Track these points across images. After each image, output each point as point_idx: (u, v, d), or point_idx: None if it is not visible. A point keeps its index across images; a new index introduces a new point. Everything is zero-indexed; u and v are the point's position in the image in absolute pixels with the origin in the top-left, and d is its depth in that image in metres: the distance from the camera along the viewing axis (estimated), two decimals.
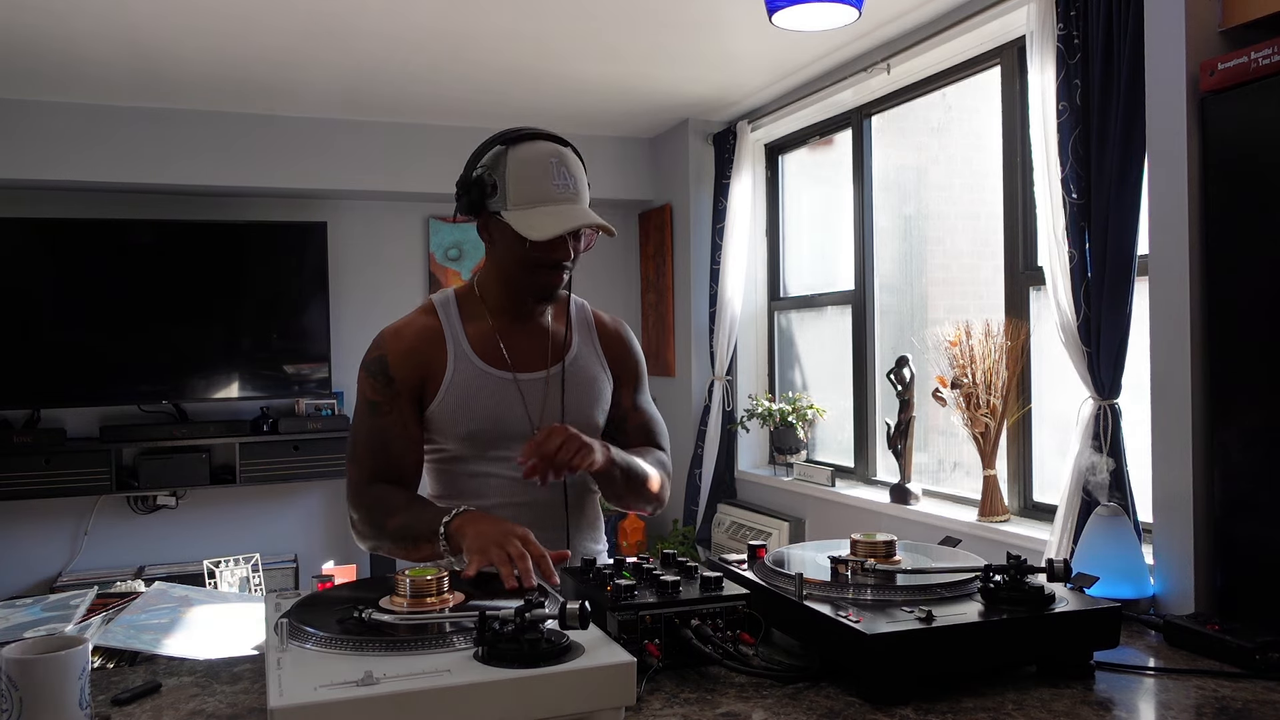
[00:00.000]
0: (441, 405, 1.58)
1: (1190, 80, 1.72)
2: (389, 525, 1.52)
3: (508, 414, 1.59)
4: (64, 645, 1.04)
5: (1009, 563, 1.33)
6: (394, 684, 0.99)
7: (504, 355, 1.61)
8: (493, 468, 1.60)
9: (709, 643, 1.24)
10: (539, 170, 1.50)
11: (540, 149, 1.53)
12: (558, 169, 1.51)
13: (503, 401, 1.59)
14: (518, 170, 1.51)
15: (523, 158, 1.51)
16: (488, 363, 1.60)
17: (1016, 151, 2.96)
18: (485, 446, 1.59)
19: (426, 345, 1.59)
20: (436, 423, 1.59)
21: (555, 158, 1.52)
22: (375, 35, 3.27)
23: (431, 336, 1.60)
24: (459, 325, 1.62)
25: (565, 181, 1.51)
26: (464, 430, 1.58)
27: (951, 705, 1.17)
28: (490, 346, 1.61)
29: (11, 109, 3.91)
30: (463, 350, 1.60)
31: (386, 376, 1.57)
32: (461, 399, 1.57)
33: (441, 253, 4.82)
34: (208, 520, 4.48)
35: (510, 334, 1.63)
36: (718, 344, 4.30)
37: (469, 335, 1.62)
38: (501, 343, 1.62)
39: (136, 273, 4.20)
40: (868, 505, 3.42)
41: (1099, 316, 2.39)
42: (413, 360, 1.58)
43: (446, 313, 1.63)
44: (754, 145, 4.27)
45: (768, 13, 2.27)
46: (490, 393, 1.59)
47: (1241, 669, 1.34)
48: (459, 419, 1.57)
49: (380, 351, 1.59)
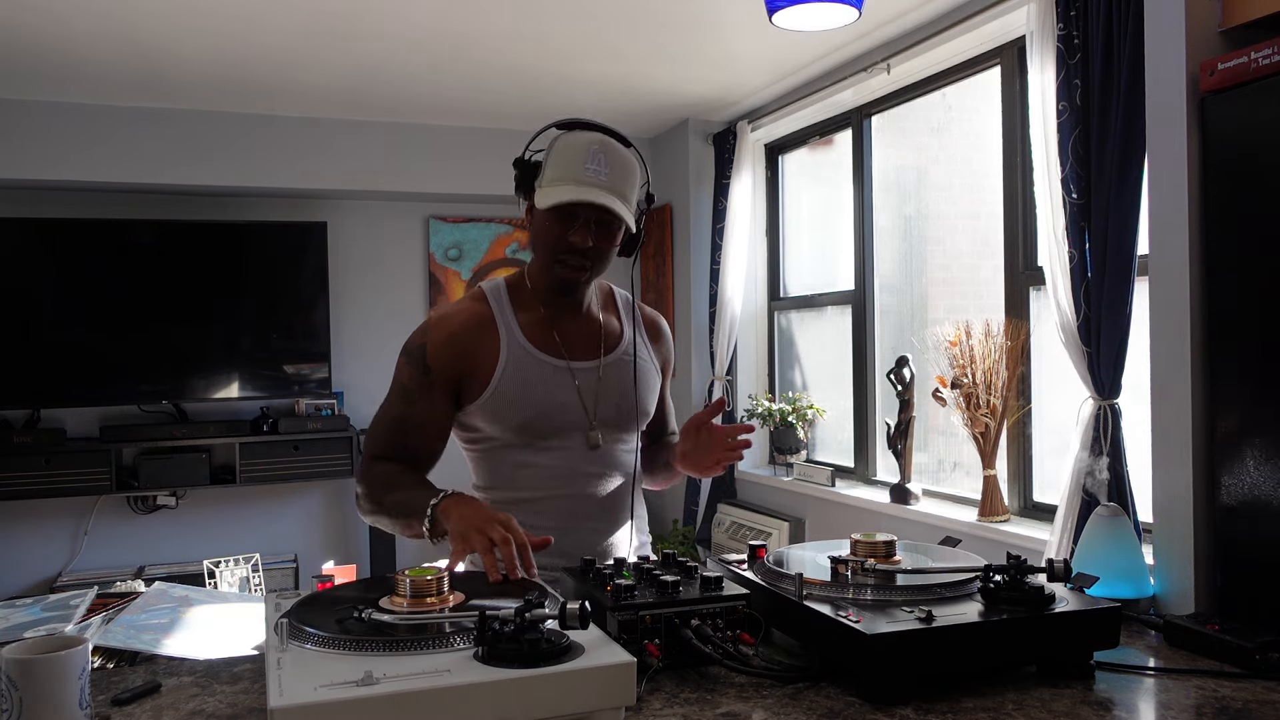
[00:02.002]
0: (495, 393, 1.56)
1: (1190, 80, 1.72)
2: (387, 500, 1.53)
3: (564, 402, 1.59)
4: (64, 645, 1.04)
5: (1009, 563, 1.33)
6: (394, 684, 0.99)
7: (558, 343, 1.61)
8: (540, 458, 1.59)
9: (709, 643, 1.24)
10: (577, 153, 1.51)
11: (588, 135, 1.54)
12: (594, 155, 1.51)
13: (557, 389, 1.58)
14: (559, 152, 1.53)
15: (567, 142, 1.53)
16: (541, 350, 1.59)
17: (1016, 151, 2.96)
18: (536, 436, 1.58)
19: (474, 333, 1.58)
20: (489, 411, 1.57)
21: (598, 145, 1.52)
22: (375, 35, 3.27)
23: (481, 323, 1.59)
24: (511, 312, 1.61)
25: (599, 168, 1.50)
26: (520, 419, 1.56)
27: (951, 705, 1.17)
28: (544, 334, 1.61)
29: (11, 109, 3.91)
30: (515, 338, 1.59)
31: (424, 365, 1.56)
32: (515, 387, 1.56)
33: (441, 253, 4.82)
34: (208, 520, 4.48)
35: (562, 322, 1.63)
36: (718, 344, 4.30)
37: (521, 323, 1.61)
38: (555, 332, 1.61)
39: (136, 273, 4.20)
40: (868, 505, 3.42)
41: (1099, 316, 2.39)
42: (454, 350, 1.57)
43: (498, 299, 1.62)
44: (754, 145, 4.27)
45: (768, 13, 2.27)
46: (546, 380, 1.58)
47: (1241, 669, 1.34)
48: (514, 407, 1.56)
49: (422, 339, 1.58)
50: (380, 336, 4.62)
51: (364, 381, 4.60)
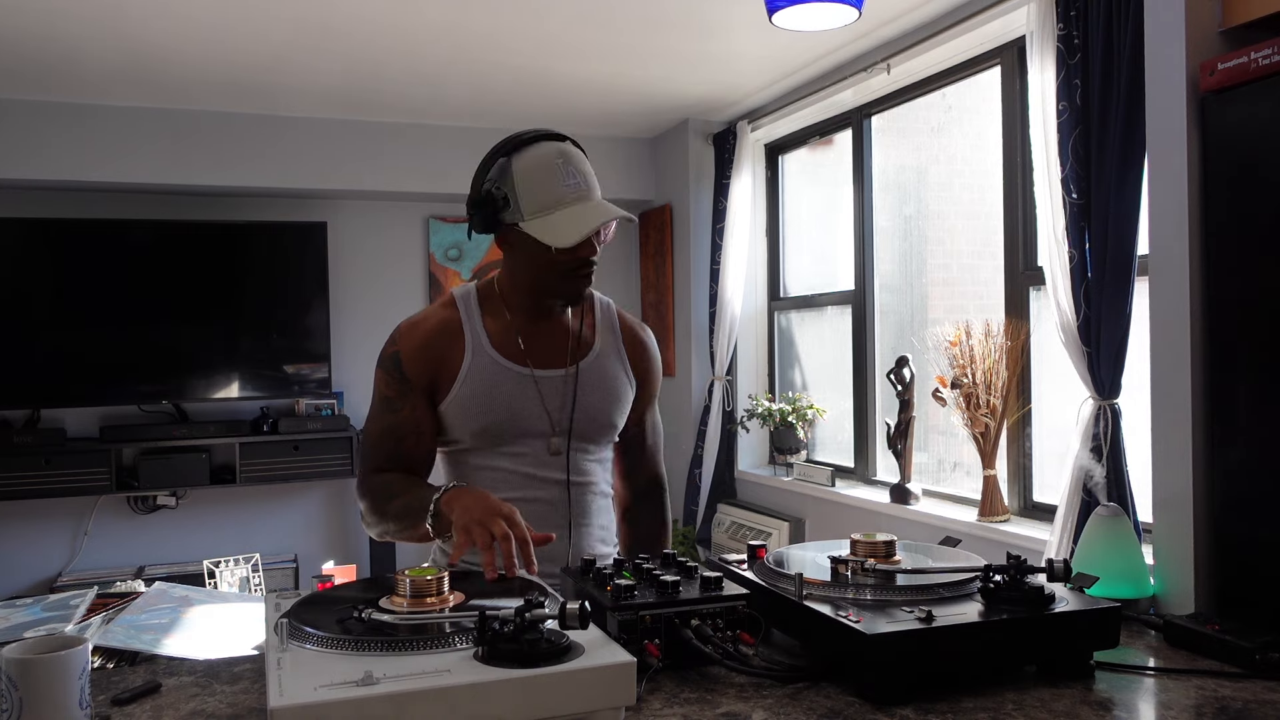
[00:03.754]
0: (456, 398, 1.57)
1: (1190, 80, 1.72)
2: (390, 508, 1.53)
3: (524, 410, 1.59)
4: (64, 645, 1.04)
5: (1009, 563, 1.33)
6: (394, 684, 0.99)
7: (523, 351, 1.61)
8: (503, 462, 1.60)
9: (709, 643, 1.24)
10: (547, 174, 1.49)
11: (543, 151, 1.51)
12: (564, 169, 1.49)
13: (519, 397, 1.59)
14: (526, 179, 1.49)
15: (527, 165, 1.50)
16: (506, 358, 1.60)
17: (1016, 151, 2.96)
18: (498, 441, 1.59)
19: (443, 338, 1.59)
20: (450, 416, 1.59)
21: (560, 158, 1.50)
22: (375, 35, 3.27)
23: (449, 329, 1.60)
24: (479, 319, 1.62)
25: (575, 180, 1.50)
26: (478, 425, 1.58)
27: (951, 705, 1.17)
28: (509, 342, 1.61)
29: (11, 109, 3.91)
30: (481, 344, 1.59)
31: (400, 372, 1.58)
32: (477, 393, 1.57)
33: (441, 253, 4.83)
34: (208, 520, 4.48)
35: (531, 331, 1.63)
36: (718, 344, 4.30)
37: (489, 330, 1.61)
38: (521, 339, 1.61)
39: (136, 273, 4.19)
40: (868, 505, 3.42)
41: (1099, 316, 2.39)
42: (426, 355, 1.58)
43: (467, 306, 1.63)
44: (754, 145, 4.27)
45: (768, 13, 2.27)
46: (507, 388, 1.58)
47: (1241, 669, 1.34)
48: (474, 413, 1.57)
49: (394, 348, 1.60)
50: (380, 337, 4.53)
51: (364, 381, 4.54)
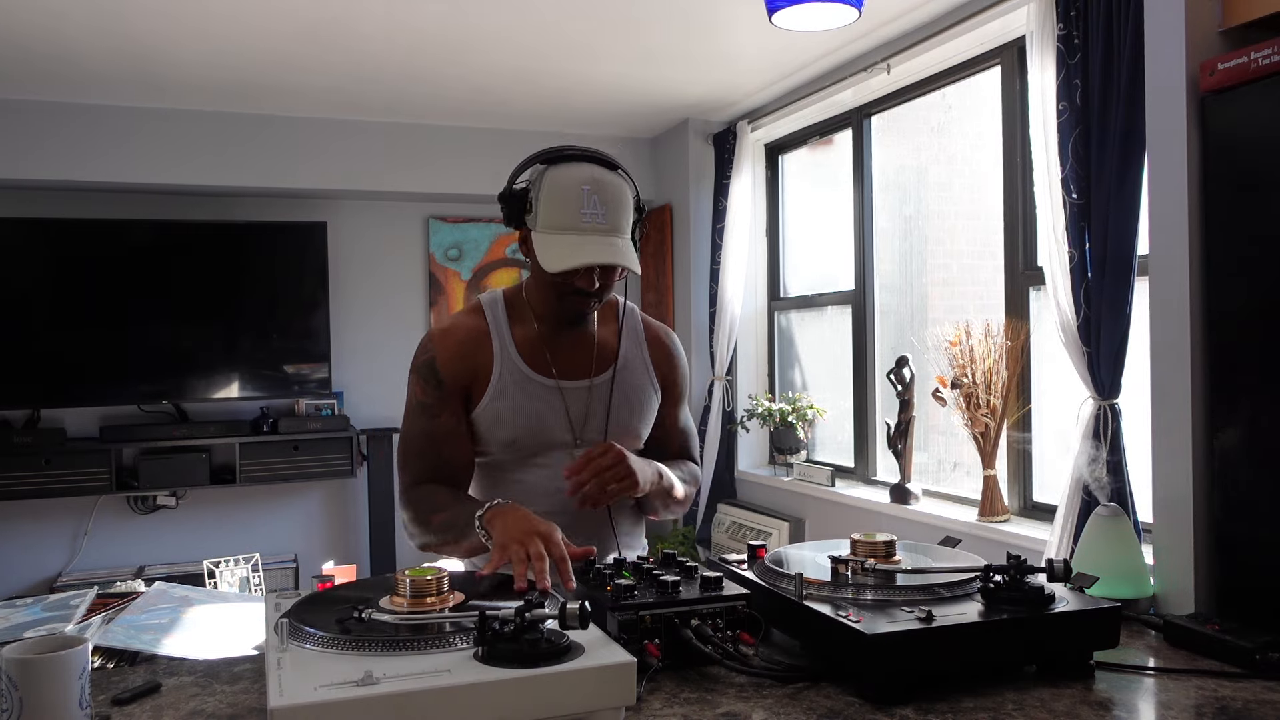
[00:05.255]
0: (485, 410, 1.58)
1: (1190, 80, 1.72)
2: (434, 521, 1.53)
3: (550, 422, 1.59)
4: (64, 645, 1.04)
5: (1009, 563, 1.33)
6: (394, 684, 0.99)
7: (549, 362, 1.61)
8: (532, 475, 1.61)
9: (709, 643, 1.24)
10: (570, 195, 1.47)
11: (577, 173, 1.49)
12: (589, 197, 1.47)
13: (545, 409, 1.59)
14: (551, 192, 1.49)
15: (557, 180, 1.49)
16: (533, 368, 1.60)
17: (1016, 151, 2.96)
18: (526, 454, 1.60)
19: (473, 346, 1.59)
20: (481, 426, 1.59)
21: (590, 184, 1.48)
22: (375, 35, 3.27)
23: (478, 337, 1.60)
24: (506, 328, 1.61)
25: (596, 211, 1.47)
26: (506, 438, 1.58)
27: (951, 705, 1.17)
28: (536, 352, 1.61)
29: (12, 109, 3.91)
30: (508, 354, 1.59)
31: (436, 379, 1.58)
32: (505, 405, 1.57)
33: (441, 253, 4.82)
34: (208, 520, 4.48)
35: (557, 340, 1.62)
36: (718, 344, 4.30)
37: (515, 339, 1.61)
38: (547, 349, 1.61)
39: (136, 273, 4.19)
40: (868, 505, 3.42)
41: (1099, 316, 2.39)
42: (461, 361, 1.58)
43: (494, 314, 1.62)
44: (754, 145, 4.27)
45: (768, 13, 2.27)
46: (534, 400, 1.58)
47: (1241, 669, 1.34)
48: (501, 426, 1.58)
49: (429, 355, 1.59)
50: (380, 337, 4.62)
51: (364, 382, 4.60)
